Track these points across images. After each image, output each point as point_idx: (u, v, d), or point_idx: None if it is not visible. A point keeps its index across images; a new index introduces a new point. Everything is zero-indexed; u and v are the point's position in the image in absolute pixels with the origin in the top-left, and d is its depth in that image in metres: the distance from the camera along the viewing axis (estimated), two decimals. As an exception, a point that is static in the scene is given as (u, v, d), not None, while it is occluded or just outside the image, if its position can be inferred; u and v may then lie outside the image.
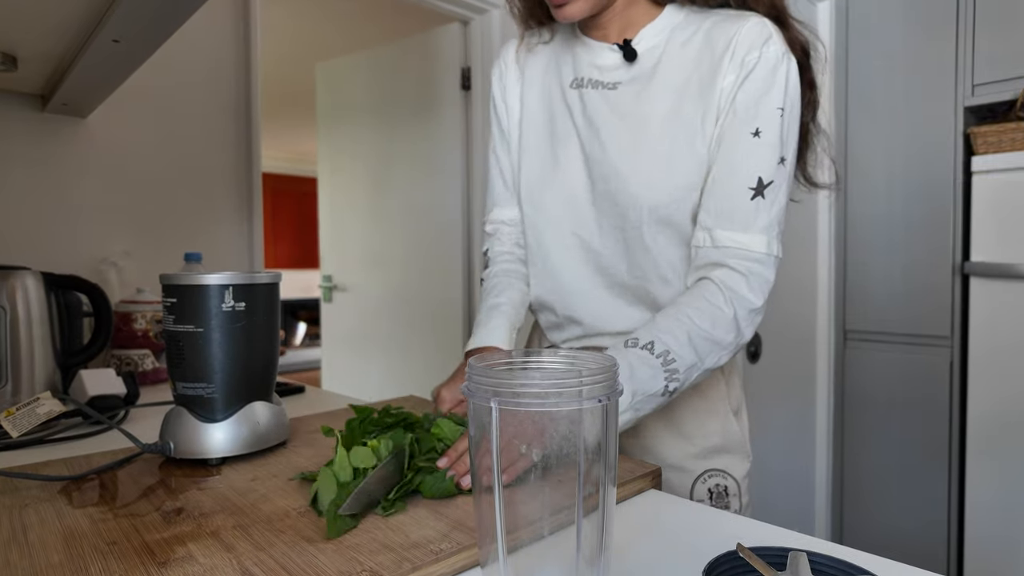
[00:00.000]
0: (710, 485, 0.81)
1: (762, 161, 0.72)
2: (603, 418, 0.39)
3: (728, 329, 0.71)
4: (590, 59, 0.83)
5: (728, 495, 0.82)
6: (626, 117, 0.78)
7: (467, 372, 0.41)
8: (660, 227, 0.78)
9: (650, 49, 0.79)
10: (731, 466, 0.83)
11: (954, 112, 1.87)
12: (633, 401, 0.66)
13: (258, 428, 0.69)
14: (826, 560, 0.41)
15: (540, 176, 0.86)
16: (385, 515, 0.53)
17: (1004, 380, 1.71)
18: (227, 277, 0.67)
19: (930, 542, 1.92)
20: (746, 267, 0.72)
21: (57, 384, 1.02)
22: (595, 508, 0.39)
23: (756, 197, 0.72)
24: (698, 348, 0.69)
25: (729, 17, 0.75)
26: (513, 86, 0.92)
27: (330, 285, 2.86)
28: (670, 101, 0.76)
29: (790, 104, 0.73)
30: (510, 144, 0.92)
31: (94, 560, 0.46)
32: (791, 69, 0.73)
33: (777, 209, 0.73)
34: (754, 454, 0.89)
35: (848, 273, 2.13)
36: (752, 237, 0.72)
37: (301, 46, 3.53)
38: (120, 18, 0.86)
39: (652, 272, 0.80)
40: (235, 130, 1.70)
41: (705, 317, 0.70)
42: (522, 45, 0.92)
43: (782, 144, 0.72)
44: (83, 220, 1.44)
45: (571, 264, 0.85)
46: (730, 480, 0.83)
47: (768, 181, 0.72)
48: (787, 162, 0.73)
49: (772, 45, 0.72)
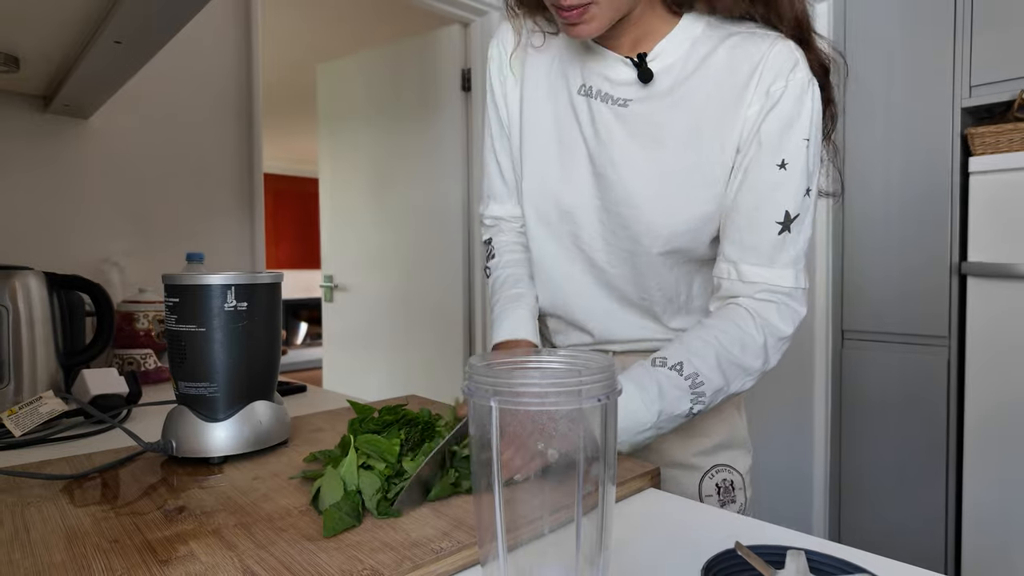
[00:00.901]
0: (718, 480, 0.83)
1: (788, 194, 0.70)
2: (603, 417, 0.39)
3: (757, 356, 0.70)
4: (600, 69, 0.77)
5: (735, 489, 0.84)
6: (639, 137, 0.74)
7: (467, 371, 0.41)
8: (673, 253, 0.77)
9: (667, 67, 0.73)
10: (735, 461, 0.85)
11: (952, 113, 1.87)
12: (658, 421, 0.66)
13: (260, 427, 0.70)
14: (824, 558, 0.41)
15: (543, 182, 0.82)
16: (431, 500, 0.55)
17: (1001, 380, 1.71)
18: (229, 277, 0.67)
19: (928, 540, 1.93)
20: (777, 299, 0.72)
21: (59, 383, 1.02)
22: (595, 507, 0.39)
23: (783, 232, 0.70)
24: (726, 373, 0.69)
25: (754, 37, 0.71)
26: (513, 81, 0.86)
27: (331, 285, 2.86)
28: (687, 124, 0.72)
29: (815, 132, 0.71)
30: (510, 140, 0.87)
31: (96, 558, 0.46)
32: (815, 96, 0.70)
33: (803, 240, 0.71)
34: (753, 454, 0.90)
35: (846, 273, 2.13)
36: (779, 272, 0.71)
37: (302, 47, 3.53)
38: (122, 19, 0.87)
39: (659, 294, 0.80)
40: (236, 131, 1.70)
41: (735, 342, 0.69)
42: (520, 43, 0.85)
43: (808, 175, 0.70)
44: (85, 220, 1.45)
45: (576, 276, 0.83)
46: (735, 475, 0.84)
47: (795, 215, 0.70)
48: (812, 192, 0.71)
49: (798, 72, 0.69)
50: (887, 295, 2.02)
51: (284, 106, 4.63)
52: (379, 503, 0.53)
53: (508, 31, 0.86)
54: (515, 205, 0.90)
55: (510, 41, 0.86)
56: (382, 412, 0.68)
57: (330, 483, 0.54)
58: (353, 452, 0.56)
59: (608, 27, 0.70)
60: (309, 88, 3.40)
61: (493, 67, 0.88)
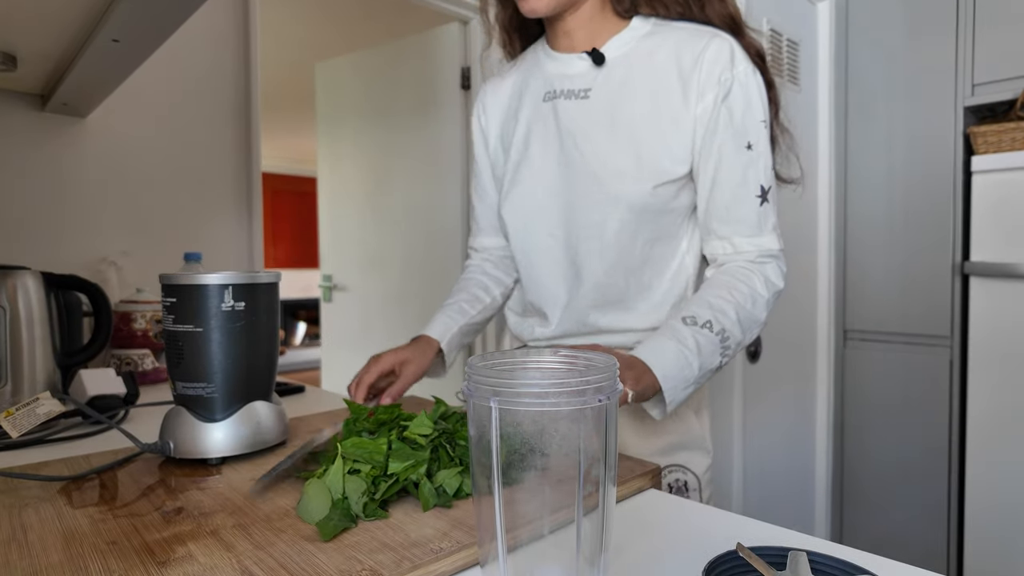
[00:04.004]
0: (670, 480, 0.85)
1: (760, 170, 0.79)
2: (603, 417, 0.39)
3: (763, 309, 0.78)
4: (560, 70, 0.86)
5: (688, 489, 0.86)
6: (600, 123, 0.82)
7: (467, 372, 0.41)
8: (639, 225, 0.82)
9: (618, 57, 0.82)
10: (690, 461, 0.86)
11: (954, 112, 1.87)
12: (699, 376, 0.72)
13: (258, 428, 0.69)
14: (826, 560, 0.41)
15: (516, 181, 0.90)
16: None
17: (1004, 380, 1.71)
18: (227, 277, 0.67)
19: (930, 541, 1.92)
20: (770, 260, 0.80)
21: (57, 384, 1.02)
22: (595, 507, 0.39)
23: (764, 203, 0.79)
24: (744, 327, 0.76)
25: (695, 33, 0.79)
26: (493, 118, 0.96)
27: (330, 285, 2.86)
28: (643, 105, 0.80)
29: (764, 112, 0.79)
30: (495, 174, 0.97)
31: (94, 560, 0.46)
32: (759, 81, 0.79)
33: (776, 208, 0.81)
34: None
35: (848, 273, 2.13)
36: (767, 237, 0.80)
37: (300, 46, 3.53)
38: (120, 18, 0.86)
39: (628, 275, 0.84)
40: (235, 129, 1.70)
41: (748, 298, 0.77)
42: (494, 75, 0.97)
43: (770, 152, 0.80)
44: (83, 220, 1.44)
45: (549, 265, 0.89)
46: (690, 475, 0.86)
47: (768, 187, 0.79)
48: (771, 167, 0.81)
49: (740, 63, 0.77)
50: (889, 295, 2.02)
51: (282, 105, 4.62)
52: (366, 505, 0.53)
53: (490, 83, 0.98)
54: (499, 237, 1.01)
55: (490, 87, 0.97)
56: (377, 412, 0.67)
57: (316, 493, 0.53)
58: (340, 460, 0.55)
59: (560, 7, 0.79)
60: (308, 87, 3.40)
61: (476, 112, 0.99)
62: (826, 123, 2.08)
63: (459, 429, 0.63)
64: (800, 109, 2.00)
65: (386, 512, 0.53)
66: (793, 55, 1.93)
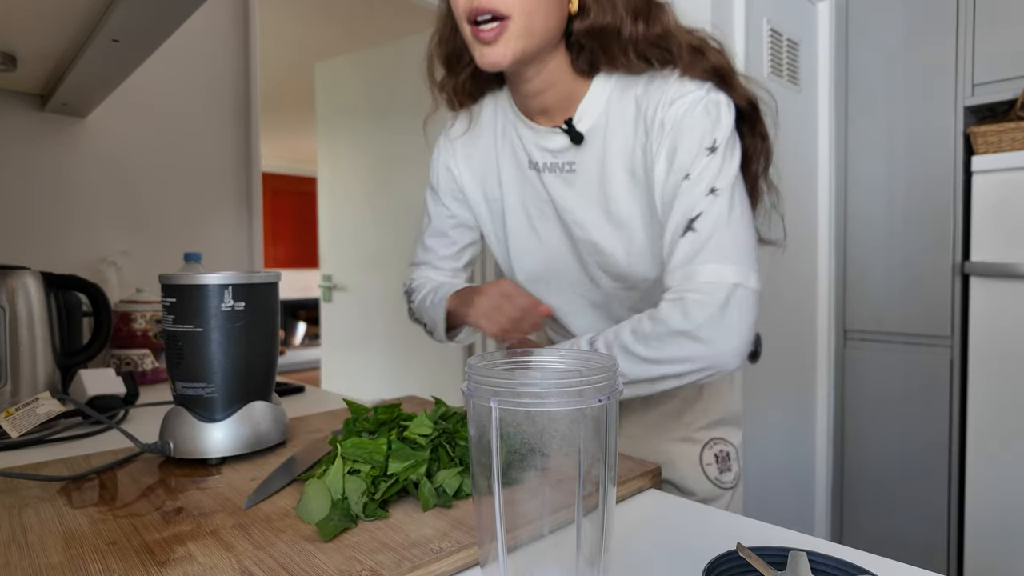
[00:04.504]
0: (716, 451, 0.91)
1: (693, 198, 0.72)
2: (603, 417, 0.39)
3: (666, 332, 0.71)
4: (538, 142, 0.82)
5: (730, 459, 0.92)
6: (590, 197, 0.80)
7: (467, 372, 0.41)
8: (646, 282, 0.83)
9: (593, 128, 0.78)
10: (730, 435, 0.94)
11: (954, 111, 1.87)
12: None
13: (258, 428, 0.69)
14: (826, 560, 0.41)
15: (524, 250, 0.89)
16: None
17: (1004, 380, 1.71)
18: (226, 277, 0.67)
19: (930, 541, 1.92)
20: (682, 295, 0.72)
21: (57, 384, 1.02)
22: (595, 507, 0.39)
23: (687, 232, 0.72)
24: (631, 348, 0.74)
25: (652, 81, 0.75)
26: (468, 172, 0.92)
27: (329, 285, 2.86)
28: (623, 174, 0.78)
29: (721, 136, 0.72)
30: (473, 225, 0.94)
31: (94, 560, 0.46)
32: (709, 108, 0.72)
33: (717, 236, 0.71)
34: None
35: (848, 273, 2.13)
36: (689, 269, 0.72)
37: (300, 46, 3.53)
38: (119, 18, 0.86)
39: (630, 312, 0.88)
40: (234, 129, 1.70)
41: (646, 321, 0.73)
42: (454, 135, 0.93)
43: (714, 177, 0.72)
44: (82, 220, 1.44)
45: (578, 312, 0.91)
46: (731, 447, 0.93)
47: (696, 213, 0.71)
48: (720, 191, 0.72)
49: (687, 97, 0.72)
50: (889, 295, 2.02)
51: (282, 105, 4.62)
52: (365, 505, 0.53)
53: (445, 140, 0.94)
54: (449, 274, 0.97)
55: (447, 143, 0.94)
56: (377, 412, 0.67)
57: (316, 493, 0.53)
58: (340, 461, 0.55)
59: (523, 57, 0.72)
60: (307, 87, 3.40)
61: (439, 165, 0.94)
62: (826, 123, 2.08)
63: (459, 429, 0.63)
64: (800, 109, 2.00)
65: (386, 512, 0.53)
66: (793, 55, 1.93)
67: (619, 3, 0.72)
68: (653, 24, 0.74)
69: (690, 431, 0.91)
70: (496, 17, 0.70)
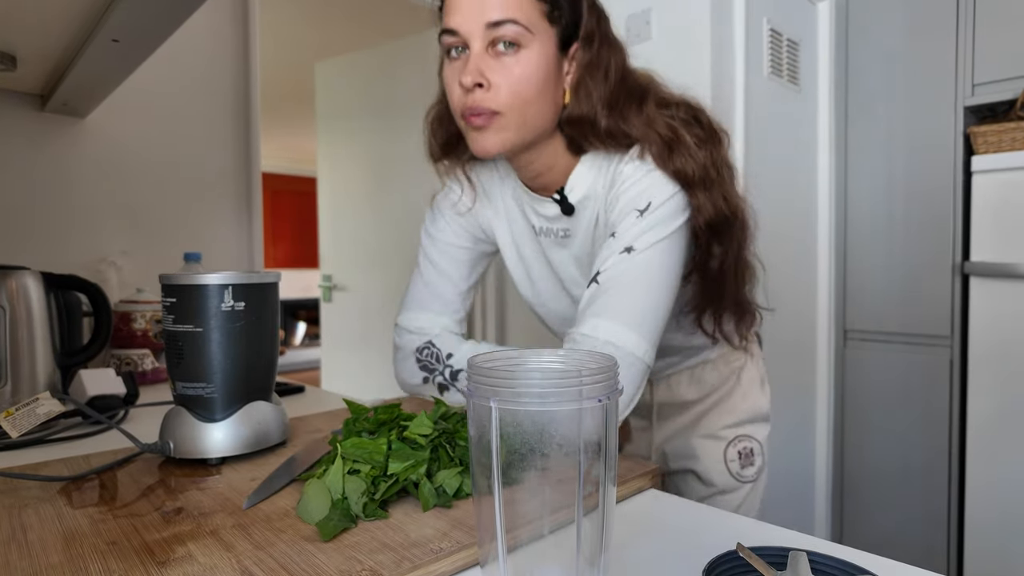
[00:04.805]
0: (739, 448, 0.98)
1: (605, 254, 0.75)
2: (603, 417, 0.39)
3: None
4: (538, 209, 0.86)
5: (754, 455, 0.99)
6: (582, 260, 0.86)
7: (467, 372, 0.41)
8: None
9: (583, 199, 0.82)
10: (756, 431, 1.00)
11: (954, 111, 1.87)
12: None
13: (258, 428, 0.69)
14: (826, 560, 0.41)
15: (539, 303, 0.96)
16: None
17: (1004, 380, 1.71)
18: (227, 277, 0.67)
19: (930, 541, 1.92)
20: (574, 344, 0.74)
21: (57, 384, 1.02)
22: (595, 507, 0.39)
23: (592, 283, 0.74)
24: None
25: (622, 159, 0.78)
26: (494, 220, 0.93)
27: (329, 285, 2.86)
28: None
29: (650, 203, 0.74)
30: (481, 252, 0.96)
31: (94, 560, 0.46)
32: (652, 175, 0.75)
33: (616, 296, 0.72)
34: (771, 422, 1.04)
35: (848, 273, 2.13)
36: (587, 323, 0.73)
37: (300, 46, 3.53)
38: (119, 18, 0.86)
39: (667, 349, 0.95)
40: (234, 130, 1.70)
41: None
42: (462, 208, 0.93)
43: (633, 238, 0.73)
44: (82, 220, 1.44)
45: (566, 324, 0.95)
46: (755, 443, 0.99)
47: (601, 269, 0.74)
48: (636, 251, 0.73)
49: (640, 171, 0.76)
50: (889, 295, 2.02)
51: (282, 105, 4.62)
52: (365, 505, 0.53)
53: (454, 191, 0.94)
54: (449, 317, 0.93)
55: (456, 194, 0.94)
56: (377, 412, 0.67)
57: (316, 493, 0.53)
58: (340, 461, 0.55)
59: (514, 147, 0.76)
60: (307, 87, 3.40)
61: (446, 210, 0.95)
62: (826, 123, 2.08)
63: (459, 429, 0.63)
64: (800, 109, 2.00)
65: (386, 512, 0.53)
66: (793, 55, 1.93)
67: (595, 95, 0.76)
68: (628, 116, 0.77)
69: (716, 429, 0.98)
70: (488, 111, 0.73)
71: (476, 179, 0.93)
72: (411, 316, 0.93)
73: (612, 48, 0.78)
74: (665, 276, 0.74)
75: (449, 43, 0.74)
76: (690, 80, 1.65)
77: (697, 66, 1.65)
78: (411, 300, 0.95)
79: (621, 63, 0.79)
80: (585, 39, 0.76)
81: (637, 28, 1.76)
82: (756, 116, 1.76)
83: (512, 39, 0.71)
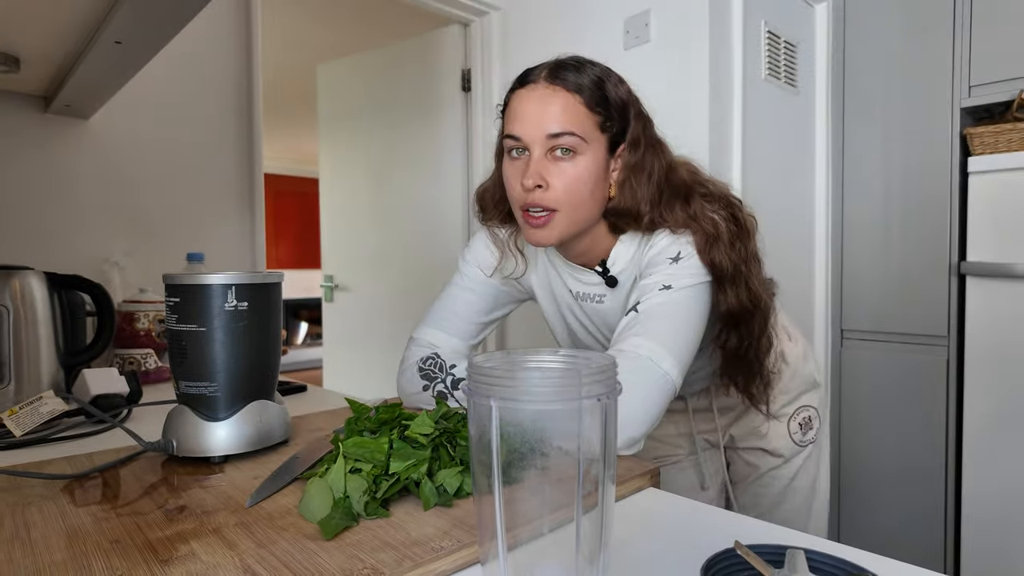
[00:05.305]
0: (800, 419, 1.07)
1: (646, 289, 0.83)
2: (602, 417, 0.39)
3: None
4: (578, 277, 0.94)
5: (812, 421, 1.08)
6: (619, 316, 0.91)
7: (467, 371, 0.41)
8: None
9: (622, 271, 0.90)
10: (810, 399, 1.08)
11: (951, 113, 1.87)
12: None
13: (260, 427, 0.70)
14: (823, 557, 0.41)
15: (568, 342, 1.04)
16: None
17: (1000, 379, 1.71)
18: (229, 277, 0.67)
19: (927, 540, 1.93)
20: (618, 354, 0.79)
21: (60, 383, 1.02)
22: (594, 506, 0.39)
23: (631, 311, 0.82)
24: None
25: (654, 238, 0.86)
26: (534, 276, 1.00)
27: (331, 285, 2.86)
28: None
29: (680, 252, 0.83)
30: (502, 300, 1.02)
31: (97, 558, 0.46)
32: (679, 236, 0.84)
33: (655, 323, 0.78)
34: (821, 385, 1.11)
35: (845, 273, 2.13)
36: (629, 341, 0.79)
37: (302, 47, 3.54)
38: (122, 20, 0.87)
39: None
40: (237, 131, 1.70)
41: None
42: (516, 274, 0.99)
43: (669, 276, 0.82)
44: (86, 220, 1.45)
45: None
46: (811, 410, 1.08)
47: (638, 302, 0.81)
48: (674, 288, 0.80)
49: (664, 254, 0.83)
50: (886, 295, 2.02)
51: (284, 106, 4.63)
52: (367, 504, 0.53)
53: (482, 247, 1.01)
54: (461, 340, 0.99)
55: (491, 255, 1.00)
56: (379, 411, 0.68)
57: (318, 491, 0.53)
58: (342, 460, 0.56)
59: (566, 238, 0.84)
60: (309, 88, 3.40)
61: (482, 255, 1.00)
62: (823, 124, 2.08)
63: (460, 429, 0.64)
64: (797, 111, 2.00)
65: (387, 511, 0.54)
66: (791, 57, 1.93)
67: (639, 194, 0.84)
68: (671, 209, 0.85)
69: (775, 410, 1.06)
70: (546, 208, 0.81)
71: (521, 245, 0.99)
72: (426, 331, 0.99)
73: (656, 151, 0.86)
74: (697, 315, 0.81)
75: (511, 146, 0.83)
76: (688, 81, 1.66)
77: (695, 68, 1.65)
78: (431, 316, 1.00)
79: (665, 164, 0.86)
80: (632, 143, 0.84)
81: (636, 30, 1.76)
82: (754, 118, 1.77)
83: (569, 147, 0.80)
